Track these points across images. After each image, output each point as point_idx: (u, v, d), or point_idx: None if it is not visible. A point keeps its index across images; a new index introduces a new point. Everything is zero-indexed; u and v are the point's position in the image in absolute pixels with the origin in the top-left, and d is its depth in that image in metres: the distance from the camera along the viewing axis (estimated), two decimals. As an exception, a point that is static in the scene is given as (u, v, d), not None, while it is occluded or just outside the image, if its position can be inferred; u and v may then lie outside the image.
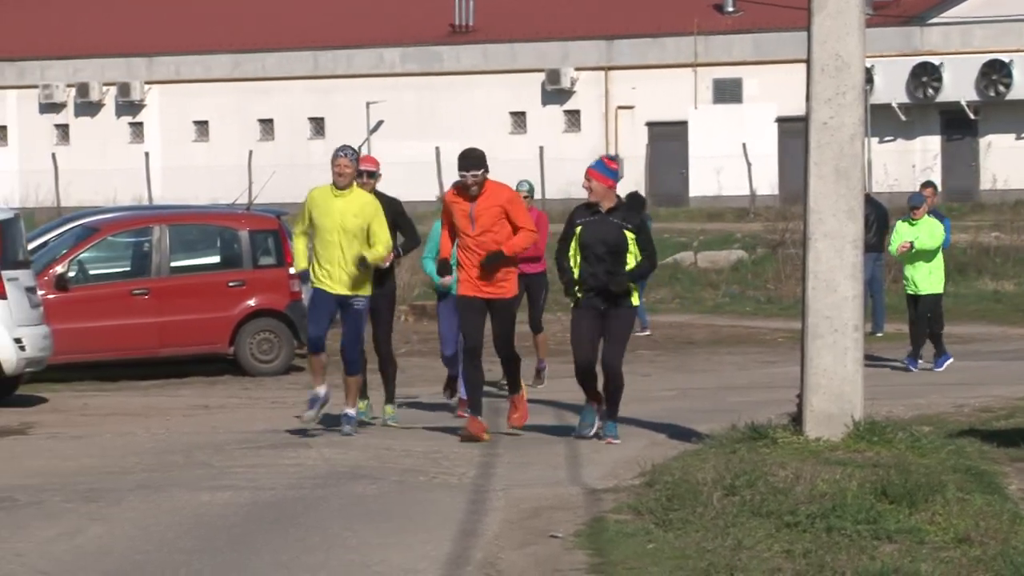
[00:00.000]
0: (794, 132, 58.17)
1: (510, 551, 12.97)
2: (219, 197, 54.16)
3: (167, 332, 28.13)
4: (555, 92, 68.88)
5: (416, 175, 65.68)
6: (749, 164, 63.24)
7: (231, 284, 29.27)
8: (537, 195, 60.28)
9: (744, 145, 63.75)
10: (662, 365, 29.67)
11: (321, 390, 19.72)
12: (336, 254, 19.34)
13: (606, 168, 19.27)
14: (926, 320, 27.06)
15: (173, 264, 29.24)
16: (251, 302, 29.39)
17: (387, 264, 21.09)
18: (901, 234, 26.94)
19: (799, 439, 16.61)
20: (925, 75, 63.13)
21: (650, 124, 67.79)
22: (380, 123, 68.11)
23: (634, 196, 39.84)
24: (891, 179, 55.64)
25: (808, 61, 16.93)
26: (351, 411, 19.78)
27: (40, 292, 25.62)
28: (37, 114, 73.13)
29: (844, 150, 16.86)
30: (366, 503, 15.29)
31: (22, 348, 23.67)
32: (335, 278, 19.41)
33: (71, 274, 28.47)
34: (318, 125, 71.01)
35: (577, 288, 18.69)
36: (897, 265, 30.92)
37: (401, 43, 70.31)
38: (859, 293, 16.99)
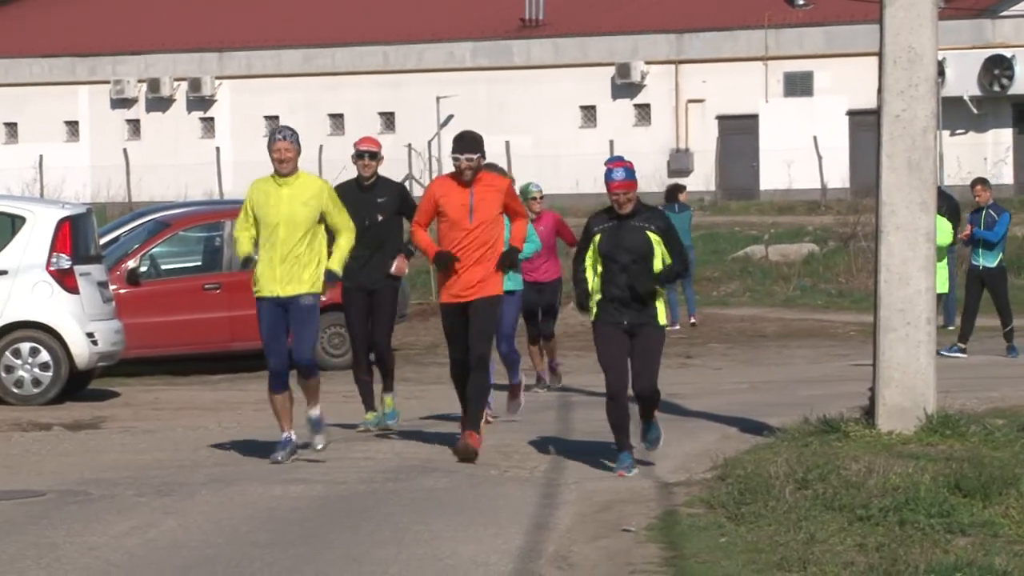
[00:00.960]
0: (865, 125, 58.10)
1: (582, 544, 12.97)
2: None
3: (238, 327, 28.06)
4: (625, 86, 68.85)
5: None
6: (820, 157, 63.10)
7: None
8: (600, 187, 60.23)
9: (815, 138, 63.60)
10: (733, 358, 29.60)
11: (289, 434, 17.36)
12: (280, 251, 16.85)
13: (631, 172, 16.62)
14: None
15: (189, 264, 29.41)
16: (322, 297, 29.44)
17: (403, 271, 20.00)
18: None
19: (871, 432, 16.59)
20: (997, 68, 62.86)
21: (720, 118, 67.74)
22: (450, 117, 68.11)
23: (672, 187, 39.69)
24: (964, 172, 55.30)
25: (880, 54, 16.89)
26: (315, 412, 17.52)
27: (112, 287, 25.69)
28: (108, 109, 73.40)
29: (916, 142, 16.81)
30: (437, 497, 15.29)
31: (94, 343, 23.72)
32: (279, 278, 16.93)
33: (142, 269, 28.58)
34: (388, 119, 71.14)
35: (592, 300, 16.61)
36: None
37: (471, 38, 70.37)
38: (932, 286, 16.93)
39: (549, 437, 19.14)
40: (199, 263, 29.57)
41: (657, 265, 16.37)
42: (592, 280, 16.60)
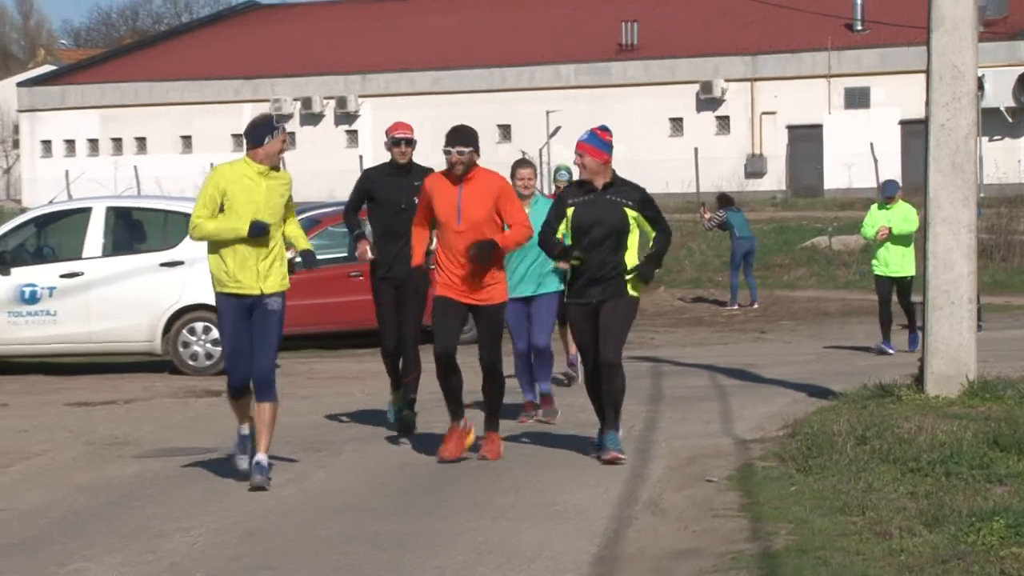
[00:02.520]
0: (915, 133, 58.16)
1: (671, 493, 12.96)
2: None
3: (335, 310, 28.15)
4: (707, 100, 68.64)
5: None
6: (876, 160, 62.68)
7: (430, 267, 29.33)
8: (691, 188, 61.10)
9: (871, 144, 63.22)
10: (801, 333, 29.46)
11: (244, 426, 13.67)
12: (260, 245, 13.23)
13: (600, 140, 14.26)
14: (906, 306, 24.26)
15: (338, 256, 29.37)
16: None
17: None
18: (876, 219, 24.32)
19: (921, 396, 16.50)
20: (1029, 82, 62.58)
21: (790, 127, 67.45)
22: (558, 129, 67.98)
23: (723, 196, 39.62)
24: (1000, 172, 55.00)
25: (928, 71, 16.83)
26: (263, 457, 13.24)
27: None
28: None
29: (959, 148, 16.73)
30: (550, 452, 15.24)
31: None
32: (261, 273, 13.27)
33: (298, 260, 28.65)
34: (504, 131, 71.08)
35: (577, 257, 13.99)
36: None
37: (575, 60, 70.27)
38: (973, 270, 16.82)
39: (643, 401, 19.06)
40: (344, 254, 29.51)
41: (632, 243, 14.00)
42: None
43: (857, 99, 66.41)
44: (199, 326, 23.81)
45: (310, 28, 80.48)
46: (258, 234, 13.12)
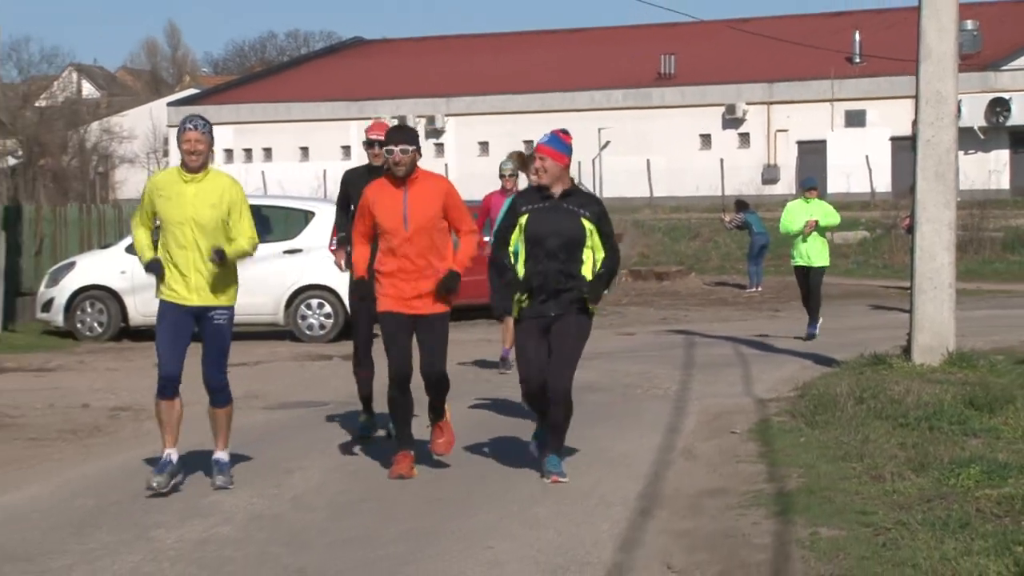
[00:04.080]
0: (903, 147, 58.19)
1: (701, 442, 12.93)
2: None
3: (483, 287, 27.88)
4: (731, 120, 68.45)
5: (632, 180, 65.65)
6: (870, 170, 62.50)
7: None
8: (717, 192, 61.27)
9: (867, 157, 63.14)
10: (805, 313, 29.30)
11: (170, 453, 10.95)
12: (192, 255, 10.75)
13: (561, 143, 11.28)
14: (815, 293, 22.62)
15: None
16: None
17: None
18: (797, 212, 22.28)
19: (908, 364, 16.42)
20: (998, 106, 62.17)
21: (799, 142, 67.21)
22: (607, 143, 67.97)
23: (739, 202, 39.58)
24: (971, 181, 54.53)
25: (916, 96, 16.77)
26: (222, 454, 11.14)
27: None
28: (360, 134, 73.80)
29: (942, 159, 16.64)
30: (600, 409, 15.22)
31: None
32: (191, 285, 10.81)
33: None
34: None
35: (521, 297, 10.96)
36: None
37: (623, 86, 70.15)
38: (952, 261, 16.75)
39: (677, 366, 19.02)
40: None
41: (587, 256, 10.92)
42: (518, 268, 11.07)
43: (855, 119, 66.15)
44: (314, 302, 24.07)
45: (405, 59, 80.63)
46: (150, 272, 10.76)
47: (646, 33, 72.72)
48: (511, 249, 11.05)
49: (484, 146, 72.27)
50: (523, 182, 14.21)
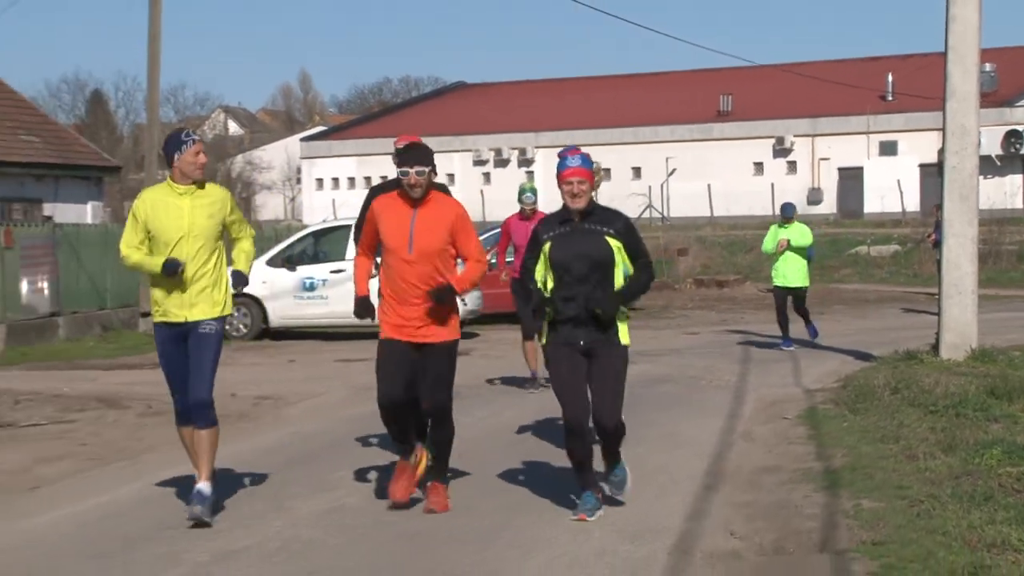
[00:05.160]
0: (930, 173, 57.92)
1: (758, 426, 12.88)
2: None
3: None
4: (780, 150, 68.05)
5: (695, 202, 65.41)
6: (901, 193, 61.92)
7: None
8: (767, 212, 61.09)
9: (898, 181, 62.59)
10: (847, 314, 29.08)
11: (204, 486, 9.01)
12: (189, 269, 9.02)
13: (588, 160, 9.09)
14: (801, 310, 20.64)
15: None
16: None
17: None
18: (775, 234, 20.60)
19: (937, 360, 16.30)
20: (1012, 137, 61.45)
21: (839, 169, 66.70)
22: (674, 170, 67.85)
23: (785, 205, 39.49)
24: (991, 202, 53.80)
25: (943, 129, 16.67)
26: (204, 486, 8.97)
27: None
28: (471, 167, 73.61)
29: (965, 183, 16.51)
30: (671, 398, 15.21)
31: (464, 303, 23.93)
32: (185, 301, 9.05)
33: (492, 260, 28.74)
34: (636, 171, 70.76)
35: (549, 310, 8.84)
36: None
37: (687, 122, 69.94)
38: (975, 270, 16.66)
39: (737, 361, 18.94)
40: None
41: (618, 277, 8.88)
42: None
43: (888, 149, 65.55)
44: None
45: (501, 99, 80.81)
46: (171, 273, 8.92)
47: (707, 76, 72.56)
48: (538, 278, 8.92)
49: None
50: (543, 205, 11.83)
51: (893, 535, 7.81)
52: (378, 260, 9.46)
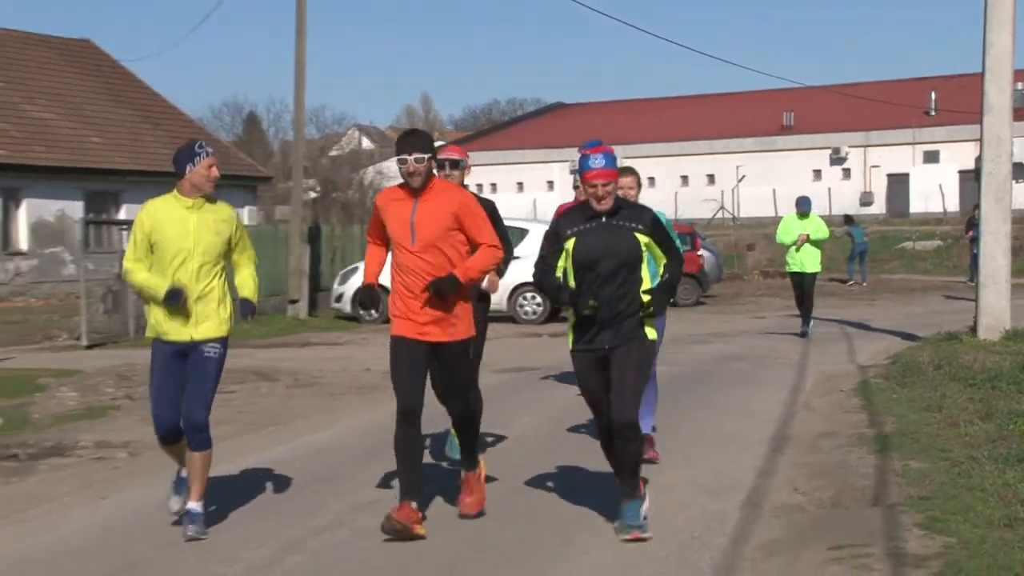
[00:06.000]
0: (968, 178, 57.21)
1: (817, 398, 12.77)
2: (666, 214, 54.44)
3: None
4: (836, 159, 67.32)
5: (762, 204, 64.76)
6: (943, 196, 61.02)
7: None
8: (824, 212, 60.43)
9: (940, 185, 61.75)
10: (895, 301, 28.77)
11: (195, 506, 7.45)
12: (193, 287, 7.47)
13: (613, 159, 7.28)
14: (808, 297, 19.06)
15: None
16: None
17: (494, 289, 9.78)
18: (792, 226, 19.03)
19: (975, 340, 16.03)
20: (1044, 146, 60.86)
21: (888, 175, 65.82)
22: (743, 177, 67.31)
23: (847, 217, 39.10)
24: (1021, 203, 52.87)
25: (981, 139, 16.42)
26: (195, 505, 7.45)
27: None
28: (567, 175, 73.35)
29: (1000, 187, 16.26)
30: (740, 373, 15.12)
31: (532, 312, 24.08)
32: (190, 320, 7.50)
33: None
34: (710, 178, 70.33)
35: (592, 306, 7.02)
36: None
37: (755, 135, 69.40)
38: (1008, 263, 16.38)
39: (799, 342, 18.77)
40: None
41: (645, 275, 7.19)
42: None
43: (931, 158, 64.57)
44: (528, 295, 24.20)
45: (593, 116, 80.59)
46: (172, 303, 7.32)
47: (772, 96, 71.84)
48: (559, 275, 7.22)
49: (651, 180, 72.13)
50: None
51: (937, 491, 7.72)
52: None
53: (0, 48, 37.85)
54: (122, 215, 33.61)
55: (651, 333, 7.21)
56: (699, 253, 29.42)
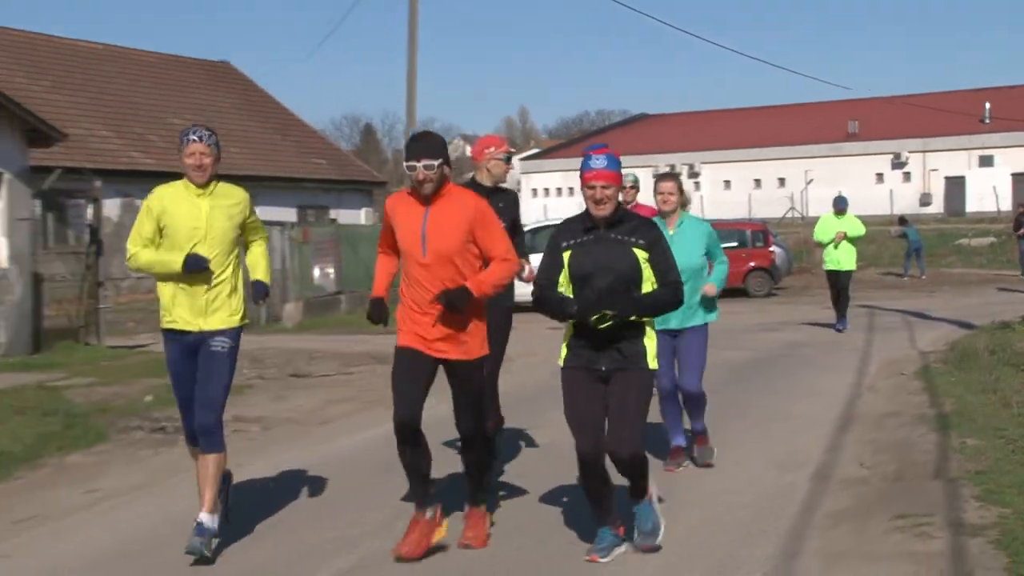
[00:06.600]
0: (1020, 180, 56.51)
1: (881, 380, 12.55)
2: (741, 213, 54.48)
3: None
4: (897, 163, 66.18)
5: (828, 205, 63.79)
6: (997, 196, 59.76)
7: (743, 255, 28.83)
8: (886, 211, 59.51)
9: (994, 187, 60.53)
10: (953, 293, 28.17)
11: (206, 518, 6.16)
12: (204, 274, 6.31)
13: (616, 162, 5.89)
14: (843, 294, 18.00)
15: (722, 246, 28.73)
16: (752, 263, 28.96)
17: (528, 279, 7.21)
18: (829, 225, 17.88)
19: (1028, 328, 15.73)
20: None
21: (946, 178, 64.60)
22: (811, 180, 66.41)
23: (901, 218, 38.38)
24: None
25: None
26: (206, 517, 6.15)
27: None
28: (650, 179, 73.22)
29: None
30: (809, 358, 14.91)
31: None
32: (200, 306, 6.31)
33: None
34: (781, 181, 69.50)
35: (601, 317, 5.62)
36: None
37: (822, 142, 68.56)
38: (1059, 257, 15.98)
39: (864, 330, 18.46)
40: (735, 244, 28.68)
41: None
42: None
43: (986, 162, 63.24)
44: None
45: (675, 126, 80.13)
46: (194, 269, 6.24)
47: (839, 105, 70.85)
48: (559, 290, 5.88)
49: (728, 183, 71.78)
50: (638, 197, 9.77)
51: (993, 466, 7.55)
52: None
53: (152, 69, 38.80)
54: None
55: (651, 360, 5.84)
56: (771, 249, 29.17)
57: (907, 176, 66.60)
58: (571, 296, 5.82)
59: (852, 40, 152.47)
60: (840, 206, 18.03)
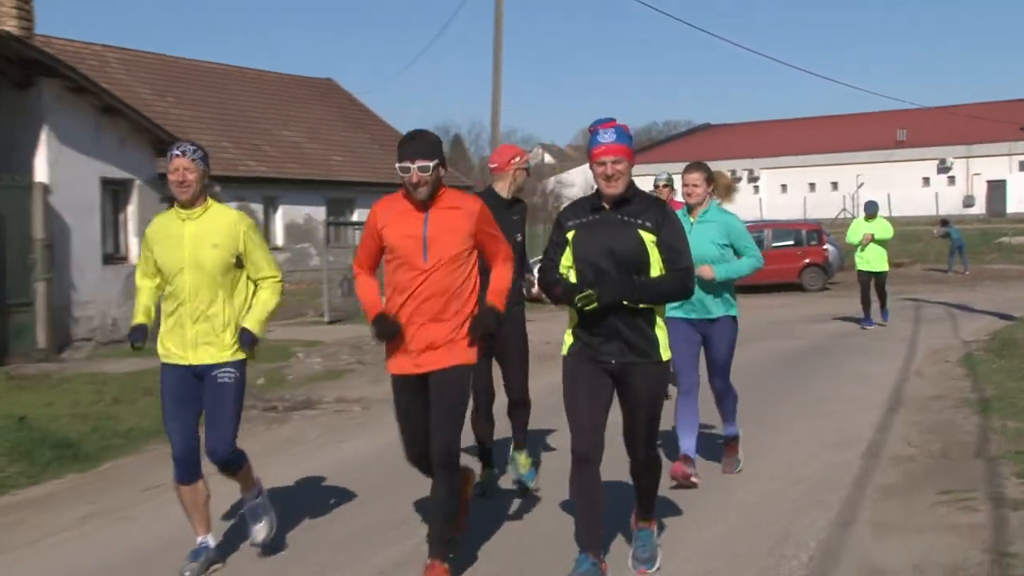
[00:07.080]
0: None
1: (927, 367, 12.33)
2: (796, 215, 53.71)
3: (774, 273, 27.06)
4: (943, 168, 65.03)
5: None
6: (1035, 198, 58.69)
7: (798, 253, 28.46)
8: (932, 212, 58.26)
9: (1033, 189, 59.51)
10: (994, 287, 27.52)
11: (205, 539, 5.38)
12: (189, 306, 5.19)
13: (625, 136, 4.78)
14: (880, 292, 17.18)
15: (775, 244, 28.38)
16: (807, 260, 28.60)
17: (537, 294, 6.23)
18: (859, 228, 17.10)
19: (1065, 320, 15.30)
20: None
21: (988, 181, 63.39)
22: (862, 183, 65.43)
23: (943, 220, 37.57)
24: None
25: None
26: (206, 538, 5.36)
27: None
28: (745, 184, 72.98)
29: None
30: (857, 347, 14.69)
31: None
32: (188, 340, 5.19)
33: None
34: (833, 184, 68.57)
35: (585, 297, 4.57)
36: None
37: (872, 148, 67.60)
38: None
39: (911, 320, 18.14)
40: (791, 242, 28.38)
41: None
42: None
43: (1025, 166, 62.31)
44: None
45: (736, 135, 79.39)
46: (135, 341, 5.32)
47: (888, 115, 69.74)
48: (562, 272, 4.89)
49: (784, 187, 70.97)
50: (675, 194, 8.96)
51: (1033, 447, 7.41)
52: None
53: (265, 86, 39.45)
54: (355, 217, 34.42)
55: (664, 351, 4.86)
56: (824, 247, 28.92)
57: (951, 180, 65.43)
58: (573, 279, 4.83)
59: (901, 54, 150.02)
60: (870, 210, 17.34)
